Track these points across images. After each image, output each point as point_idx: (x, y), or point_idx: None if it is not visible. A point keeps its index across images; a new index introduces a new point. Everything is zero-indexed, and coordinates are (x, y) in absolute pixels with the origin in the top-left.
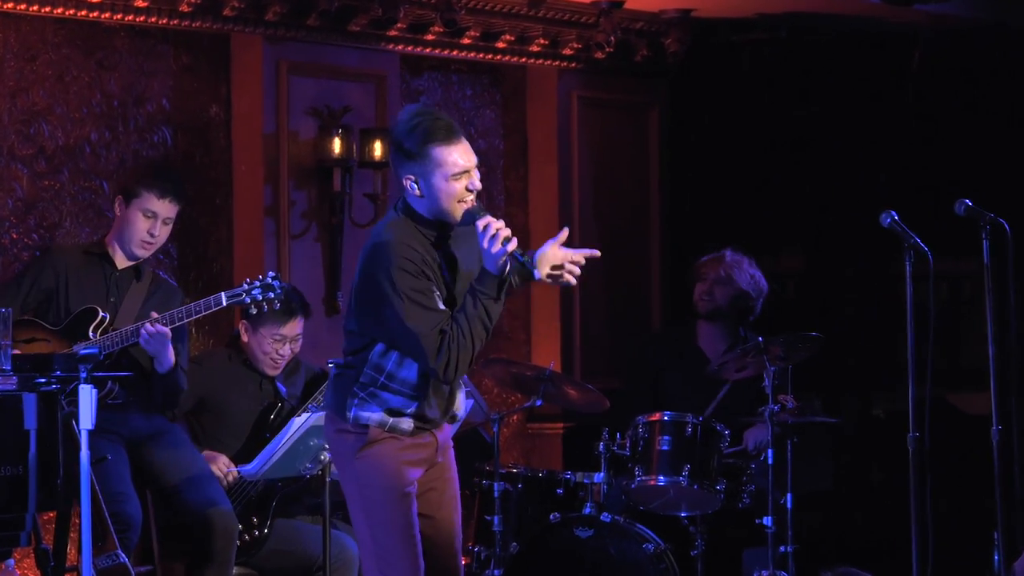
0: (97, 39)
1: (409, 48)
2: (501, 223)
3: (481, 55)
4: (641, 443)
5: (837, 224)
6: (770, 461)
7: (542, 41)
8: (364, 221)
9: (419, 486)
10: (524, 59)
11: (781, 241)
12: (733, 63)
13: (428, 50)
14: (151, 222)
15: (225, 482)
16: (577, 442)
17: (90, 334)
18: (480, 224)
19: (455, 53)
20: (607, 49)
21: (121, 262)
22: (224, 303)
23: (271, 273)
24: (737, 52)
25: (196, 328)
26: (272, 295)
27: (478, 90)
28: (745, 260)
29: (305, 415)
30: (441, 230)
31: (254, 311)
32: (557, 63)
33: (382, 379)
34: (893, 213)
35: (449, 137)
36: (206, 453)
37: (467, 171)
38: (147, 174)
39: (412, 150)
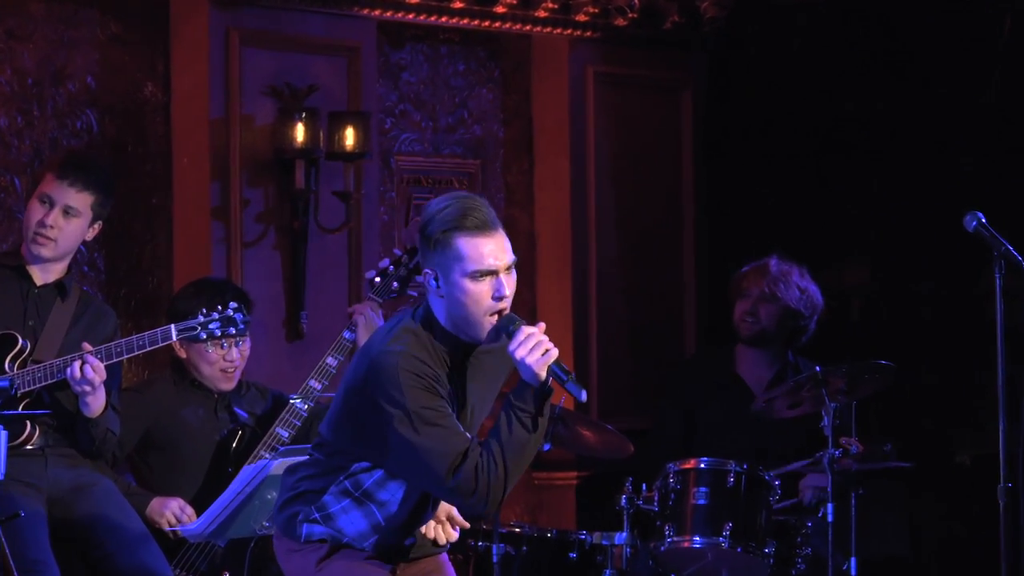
0: (6, 3)
1: (388, 13)
2: (542, 328)
3: (476, 22)
4: (672, 496)
5: (911, 229)
6: (830, 518)
7: (550, 4)
8: (333, 225)
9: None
10: (528, 27)
11: (843, 250)
12: (785, 31)
13: (411, 15)
14: (45, 209)
15: (174, 536)
16: (594, 495)
17: (6, 366)
18: (519, 336)
19: (444, 19)
20: (630, 14)
21: (41, 276)
22: (174, 338)
23: (233, 304)
24: (790, 17)
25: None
26: (233, 331)
27: (473, 65)
28: (795, 271)
29: (261, 462)
30: (460, 350)
31: (209, 349)
32: (569, 31)
33: (356, 494)
34: (980, 215)
35: (480, 227)
36: (155, 501)
37: (494, 272)
38: (55, 156)
39: (433, 235)
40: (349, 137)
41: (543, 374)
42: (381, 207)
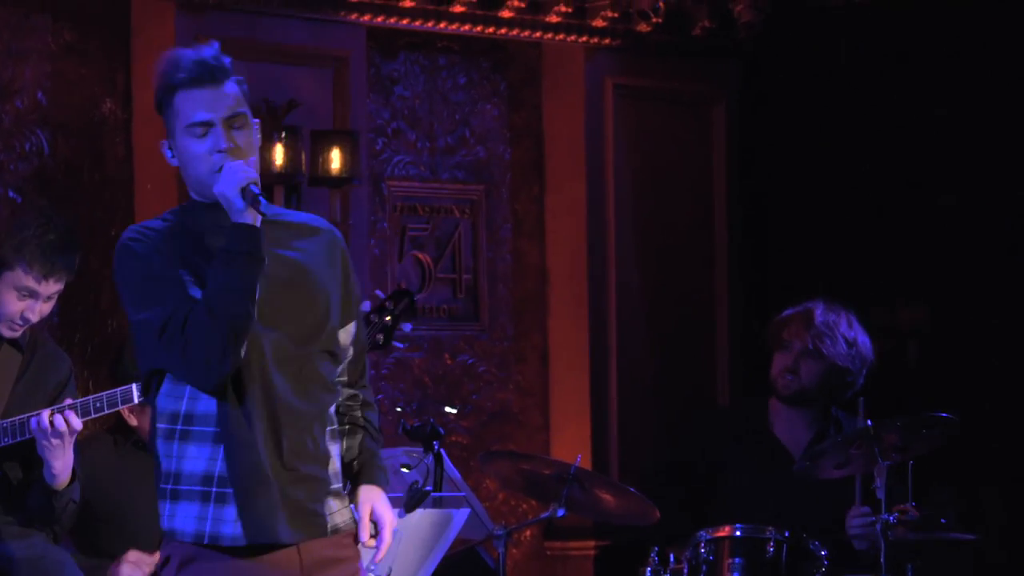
0: None
1: (379, 19)
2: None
3: (479, 28)
4: (704, 568)
5: (977, 263)
6: None
7: (563, 8)
8: None
9: None
10: (539, 33)
11: (898, 286)
12: (830, 38)
13: (405, 21)
14: (27, 303)
15: None
16: (615, 567)
17: None
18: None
19: (442, 25)
20: (654, 19)
21: None
22: (136, 400)
23: None
24: (836, 20)
25: None
26: None
27: (475, 78)
28: (843, 320)
29: None
30: (207, 212)
31: None
32: (584, 39)
33: (179, 427)
34: None
35: (197, 80)
36: (111, 569)
37: (209, 123)
38: (25, 238)
39: (156, 98)
40: (335, 160)
41: (237, 199)
42: (371, 239)
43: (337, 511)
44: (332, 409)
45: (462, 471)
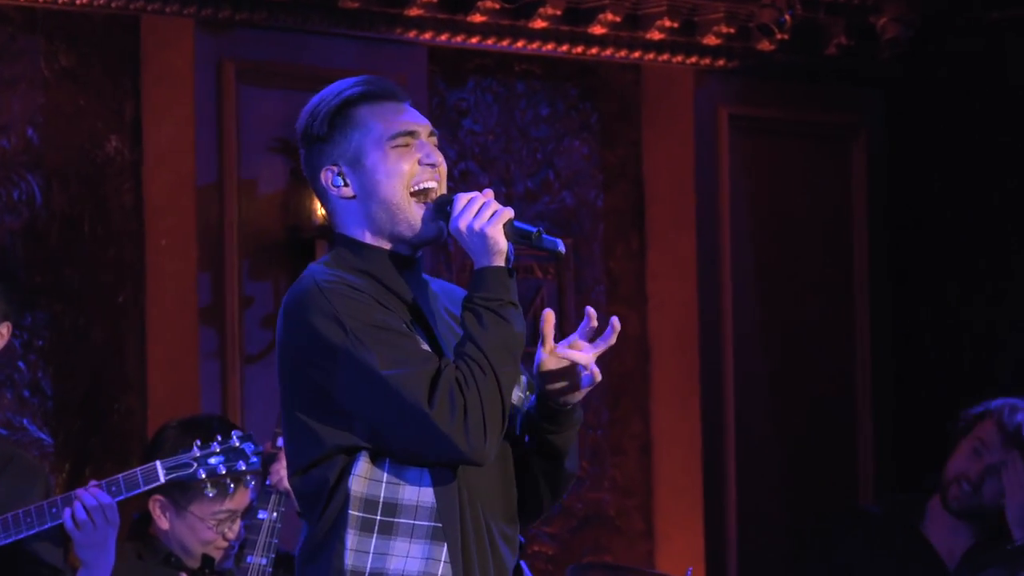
0: None
1: (443, 36)
2: (488, 194)
3: (565, 47)
4: None
5: None
6: None
7: (667, 22)
8: None
9: None
10: (637, 53)
11: None
12: (992, 56)
13: (475, 39)
14: None
15: None
16: None
17: None
18: (458, 204)
19: (520, 44)
20: (778, 35)
21: None
22: (162, 479)
23: (237, 433)
24: (998, 36)
25: None
26: (243, 466)
27: (560, 108)
28: None
29: None
30: (393, 266)
31: (210, 492)
32: (694, 60)
33: (379, 518)
34: None
35: (386, 94)
36: None
37: (413, 133)
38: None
39: (320, 128)
40: None
41: (500, 238)
42: None
43: None
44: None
45: None
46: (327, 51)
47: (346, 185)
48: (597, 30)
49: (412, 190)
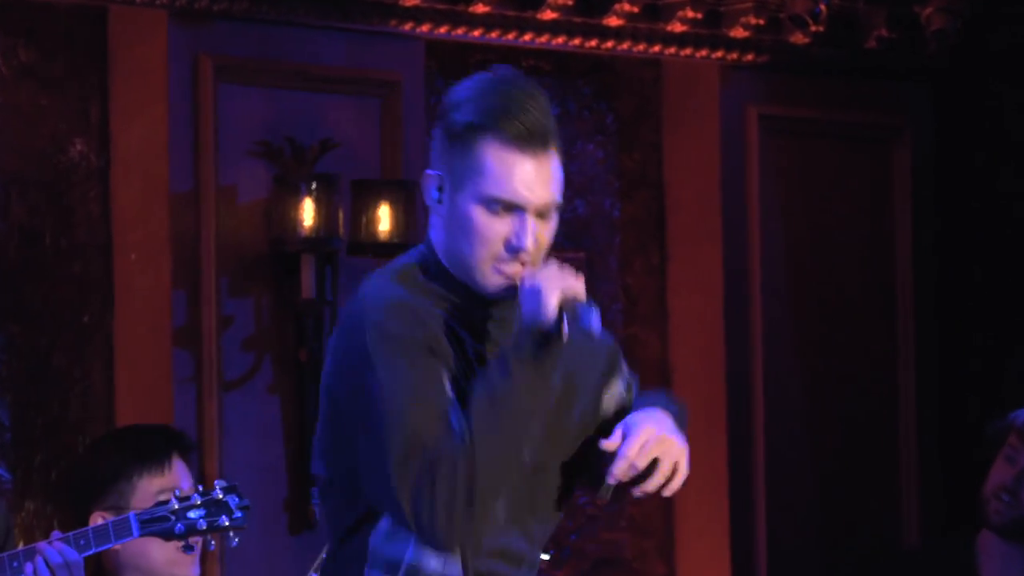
0: None
1: (442, 29)
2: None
3: (577, 40)
4: None
5: None
6: None
7: (691, 13)
8: None
9: None
10: (657, 47)
11: None
12: None
13: (477, 32)
14: None
15: None
16: None
17: None
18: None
19: (527, 37)
20: (812, 27)
21: None
22: (136, 534)
23: (220, 483)
24: None
25: None
26: (226, 521)
27: (572, 108)
28: None
29: None
30: (468, 299)
31: (188, 550)
32: (720, 54)
33: None
34: None
35: (524, 138)
36: None
37: (519, 207)
38: None
39: (455, 127)
40: (383, 219)
41: (552, 307)
42: None
43: None
44: None
45: None
46: (315, 45)
47: (440, 202)
48: (613, 21)
49: (492, 264)
